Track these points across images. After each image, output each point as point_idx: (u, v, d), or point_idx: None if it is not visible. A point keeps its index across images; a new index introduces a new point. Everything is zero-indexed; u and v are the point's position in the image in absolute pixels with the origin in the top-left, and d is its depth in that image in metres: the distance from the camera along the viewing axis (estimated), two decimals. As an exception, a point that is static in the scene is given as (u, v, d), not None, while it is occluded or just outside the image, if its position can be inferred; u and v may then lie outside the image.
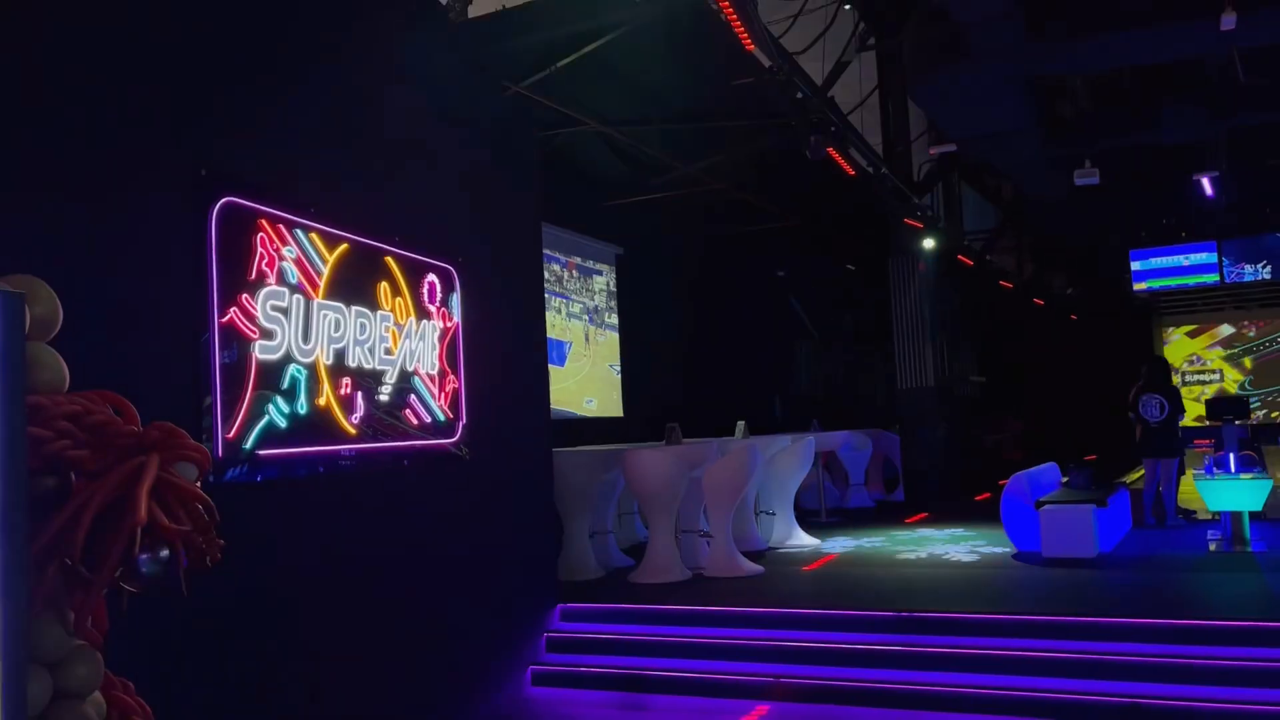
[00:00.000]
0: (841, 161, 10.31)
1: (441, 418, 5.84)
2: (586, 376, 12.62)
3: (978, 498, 13.79)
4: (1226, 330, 26.80)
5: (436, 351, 5.84)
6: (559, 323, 12.07)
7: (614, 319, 13.37)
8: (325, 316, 4.92)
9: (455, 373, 6.02)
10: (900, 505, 13.67)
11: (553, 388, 11.69)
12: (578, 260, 12.65)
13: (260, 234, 4.54)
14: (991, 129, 10.81)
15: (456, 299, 6.07)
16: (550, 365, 11.63)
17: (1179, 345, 27.34)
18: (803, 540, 10.10)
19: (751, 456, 8.64)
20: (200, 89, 4.29)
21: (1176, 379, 25.76)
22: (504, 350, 6.70)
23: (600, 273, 13.16)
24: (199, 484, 2.18)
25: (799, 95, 8.74)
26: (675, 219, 14.47)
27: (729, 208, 13.52)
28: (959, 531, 10.70)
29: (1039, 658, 5.89)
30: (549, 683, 6.65)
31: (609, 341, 13.23)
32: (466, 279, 6.15)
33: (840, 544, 10.02)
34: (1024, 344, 23.86)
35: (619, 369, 13.30)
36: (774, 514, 10.31)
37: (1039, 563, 8.35)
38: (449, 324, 5.99)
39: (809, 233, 15.20)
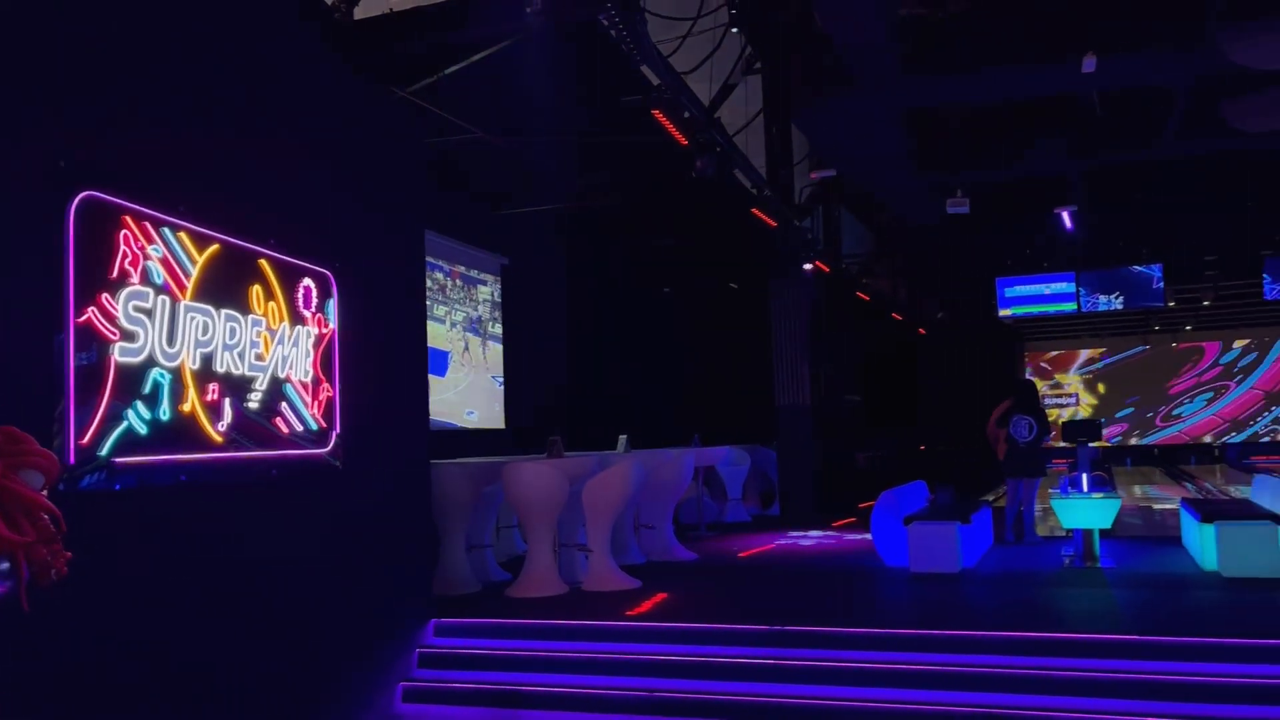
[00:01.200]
0: (727, 182, 10.48)
1: (314, 426, 5.67)
2: (468, 387, 12.46)
3: (851, 514, 14.14)
4: (1083, 356, 28.31)
5: (311, 358, 5.67)
6: (441, 332, 11.90)
7: (498, 330, 13.26)
8: (193, 319, 4.73)
9: (330, 381, 5.86)
10: (775, 519, 13.92)
11: (433, 399, 11.50)
12: (462, 269, 12.50)
13: (124, 231, 4.34)
14: (869, 156, 11.17)
15: (333, 305, 5.92)
16: (431, 375, 11.45)
17: (1040, 369, 28.72)
18: (679, 554, 10.17)
19: (632, 471, 8.67)
20: (63, 80, 4.08)
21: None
22: (382, 359, 6.55)
23: (485, 283, 13.04)
24: (46, 492, 2.05)
25: (686, 115, 8.86)
26: (562, 232, 14.46)
27: (616, 223, 13.59)
28: (831, 544, 10.95)
29: (907, 670, 6.06)
30: (420, 699, 6.51)
31: (492, 353, 13.11)
32: (345, 285, 6.01)
33: (716, 558, 10.12)
34: (898, 365, 24.66)
35: (502, 381, 13.19)
36: (653, 528, 10.36)
37: (906, 577, 8.61)
38: (325, 330, 5.83)
39: (695, 251, 15.39)
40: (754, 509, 14.93)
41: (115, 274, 4.28)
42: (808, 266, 14.41)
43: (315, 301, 5.74)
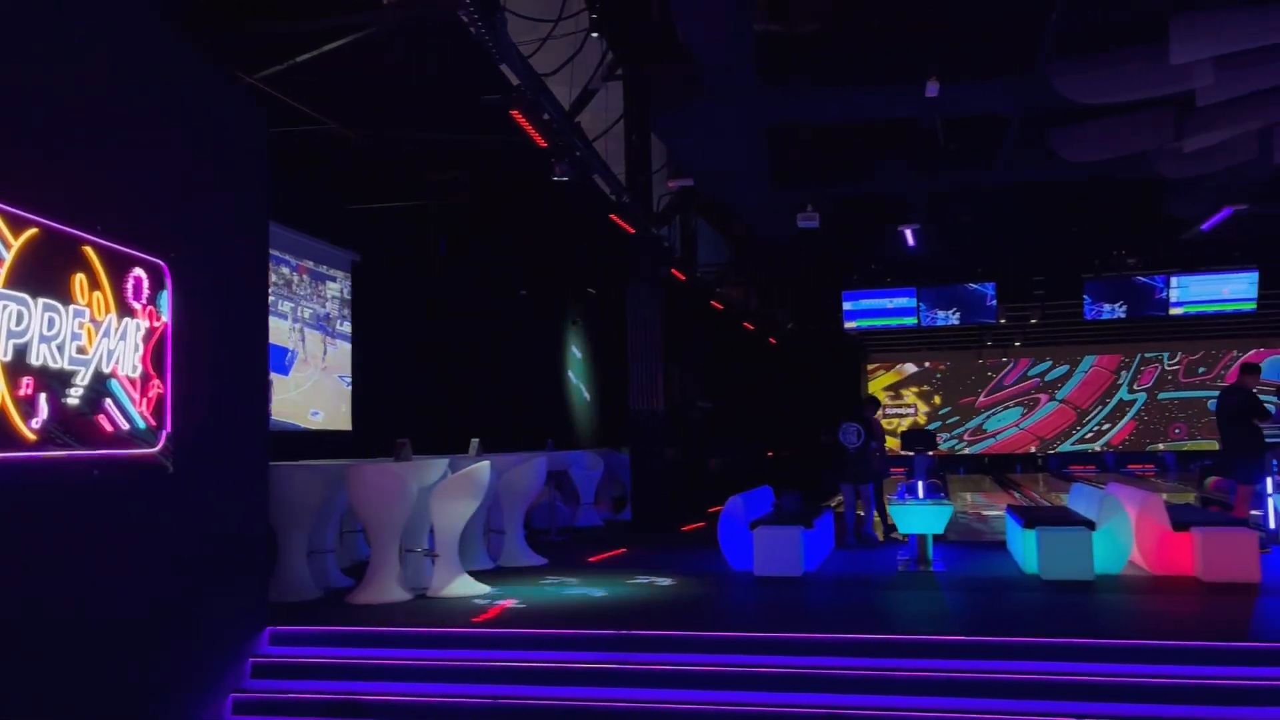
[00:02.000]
0: (585, 186, 10.48)
1: (142, 425, 5.35)
2: (314, 387, 12.04)
3: (699, 518, 14.35)
4: (922, 368, 29.63)
5: (140, 353, 5.35)
6: (286, 329, 11.46)
7: (346, 328, 12.86)
8: (5, 308, 4.39)
9: (161, 377, 5.54)
10: (627, 524, 13.99)
11: (276, 398, 11.09)
12: (310, 264, 12.08)
13: (-72, 210, 3.99)
14: (725, 168, 11.37)
15: (166, 297, 5.60)
16: (274, 374, 11.02)
17: (881, 380, 29.91)
18: (529, 560, 10.10)
19: (483, 475, 8.55)
20: None
21: (879, 411, 28.11)
22: (219, 355, 6.25)
23: (334, 279, 12.63)
24: None
25: (545, 117, 8.81)
26: (417, 229, 14.17)
27: (474, 223, 13.40)
28: (681, 550, 11.07)
29: (751, 673, 6.17)
30: (252, 710, 6.22)
31: (340, 351, 12.71)
32: (180, 276, 5.70)
33: (566, 563, 10.09)
34: (749, 373, 25.22)
35: (349, 380, 12.80)
36: (503, 532, 10.25)
37: (751, 581, 8.78)
38: (156, 324, 5.52)
39: (553, 254, 15.34)
40: (606, 513, 14.98)
41: (-84, 256, 3.93)
42: (664, 274, 14.56)
43: (147, 293, 5.42)
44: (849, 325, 17.68)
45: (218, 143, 6.41)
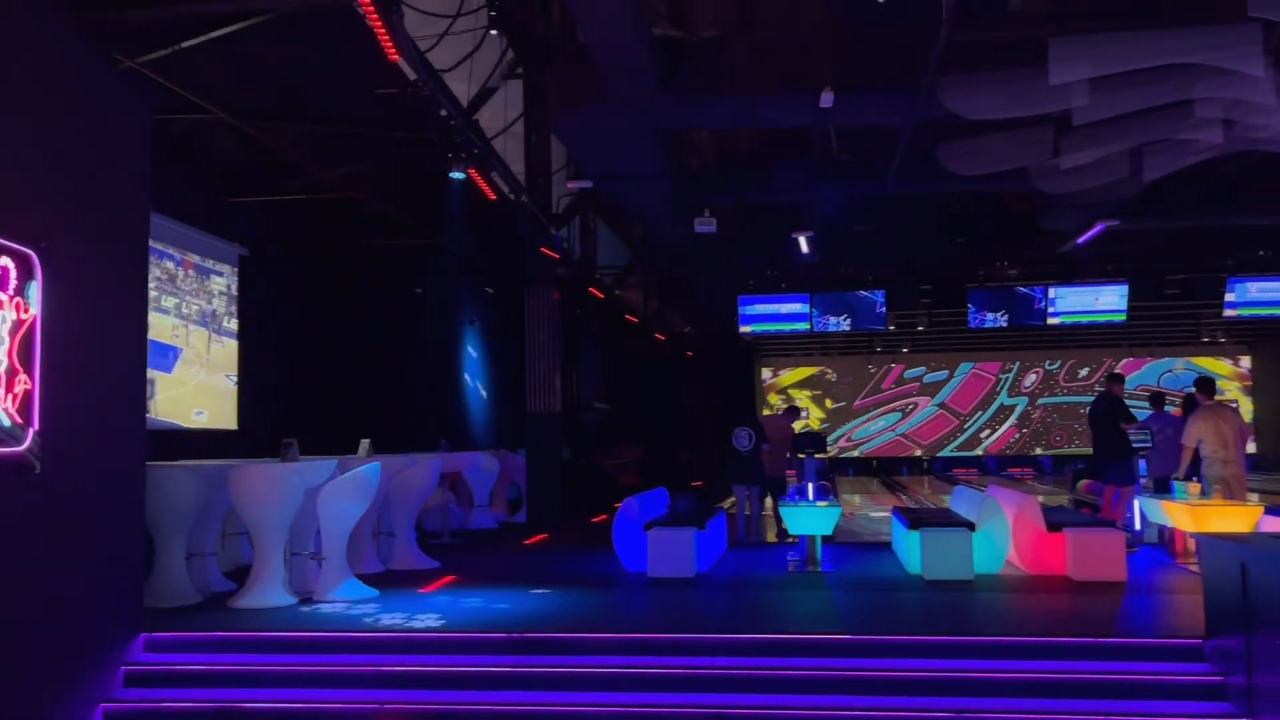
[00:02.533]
0: (483, 184, 10.39)
1: (7, 422, 5.09)
2: (198, 386, 11.63)
3: (594, 520, 14.36)
4: (813, 373, 30.27)
5: (6, 346, 5.09)
6: (169, 325, 11.04)
7: (233, 325, 12.45)
8: None
9: (29, 371, 5.27)
10: (522, 527, 13.91)
11: (159, 396, 10.68)
12: (195, 258, 11.66)
13: None
14: (624, 171, 11.40)
15: (36, 289, 5.34)
16: (157, 371, 10.61)
17: (774, 384, 30.45)
18: (421, 563, 9.94)
19: (373, 476, 8.38)
20: None
21: (769, 412, 28.64)
22: (94, 350, 5.98)
23: (220, 274, 12.22)
24: None
25: (443, 113, 8.70)
26: (308, 224, 13.82)
27: (367, 219, 13.14)
28: (575, 552, 11.06)
29: (643, 674, 6.20)
30: (124, 722, 5.98)
31: (226, 349, 12.30)
32: (52, 267, 5.43)
33: (459, 566, 9.97)
34: (646, 375, 25.35)
35: (235, 379, 12.39)
36: (394, 535, 10.07)
37: (645, 582, 8.83)
38: (24, 316, 5.25)
39: (449, 252, 15.14)
40: (501, 516, 14.85)
41: None
42: (563, 275, 14.53)
43: (14, 284, 5.15)
44: (744, 330, 17.92)
45: (97, 129, 6.14)
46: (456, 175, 9.68)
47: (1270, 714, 5.15)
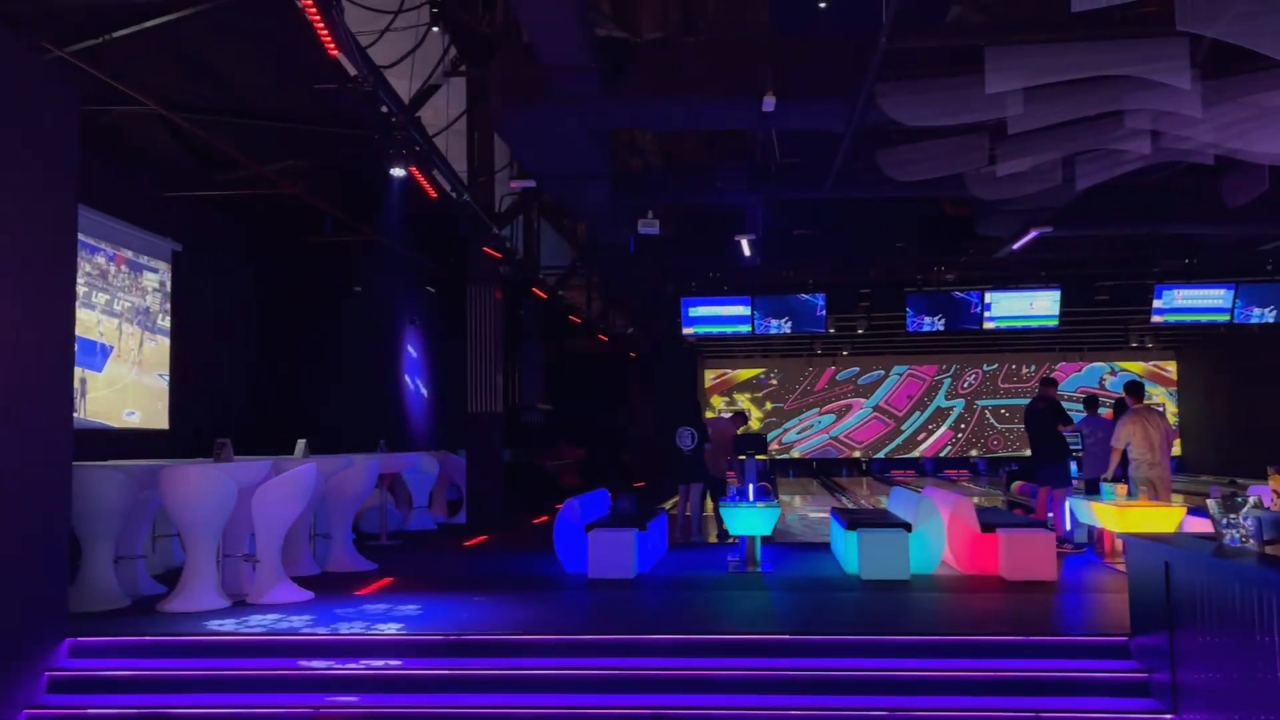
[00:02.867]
0: (424, 183, 10.29)
1: (-75, 422, 4.92)
2: (130, 385, 11.35)
3: (535, 521, 14.30)
4: (755, 374, 30.51)
5: (-76, 343, 4.92)
6: (99, 322, 10.76)
7: (167, 322, 12.18)
8: None
9: (-52, 369, 5.10)
10: (462, 528, 13.80)
11: (90, 395, 10.41)
12: (128, 254, 11.38)
13: None
14: (567, 171, 11.38)
15: (-43, 283, 5.16)
16: (87, 370, 10.33)
17: (716, 385, 30.62)
18: (358, 565, 9.82)
19: (309, 477, 8.26)
20: None
21: (711, 414, 28.80)
22: (16, 347, 5.81)
23: (154, 270, 11.95)
24: None
25: (384, 109, 8.60)
26: (245, 220, 13.58)
27: (305, 215, 12.93)
28: (516, 553, 11.01)
29: (582, 675, 6.19)
30: (47, 730, 5.81)
31: (160, 347, 12.02)
32: (-27, 261, 5.27)
33: (397, 568, 9.87)
34: (589, 376, 25.32)
35: (168, 378, 12.12)
36: (330, 537, 9.93)
37: (585, 584, 8.82)
38: (-56, 312, 5.08)
39: (389, 250, 14.98)
40: (441, 517, 14.73)
41: None
42: (505, 275, 14.45)
43: (-67, 277, 4.98)
44: (687, 331, 17.99)
45: (21, 119, 5.97)
46: (397, 173, 9.57)
47: (1192, 709, 5.30)
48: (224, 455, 8.24)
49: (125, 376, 11.26)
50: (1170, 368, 29.53)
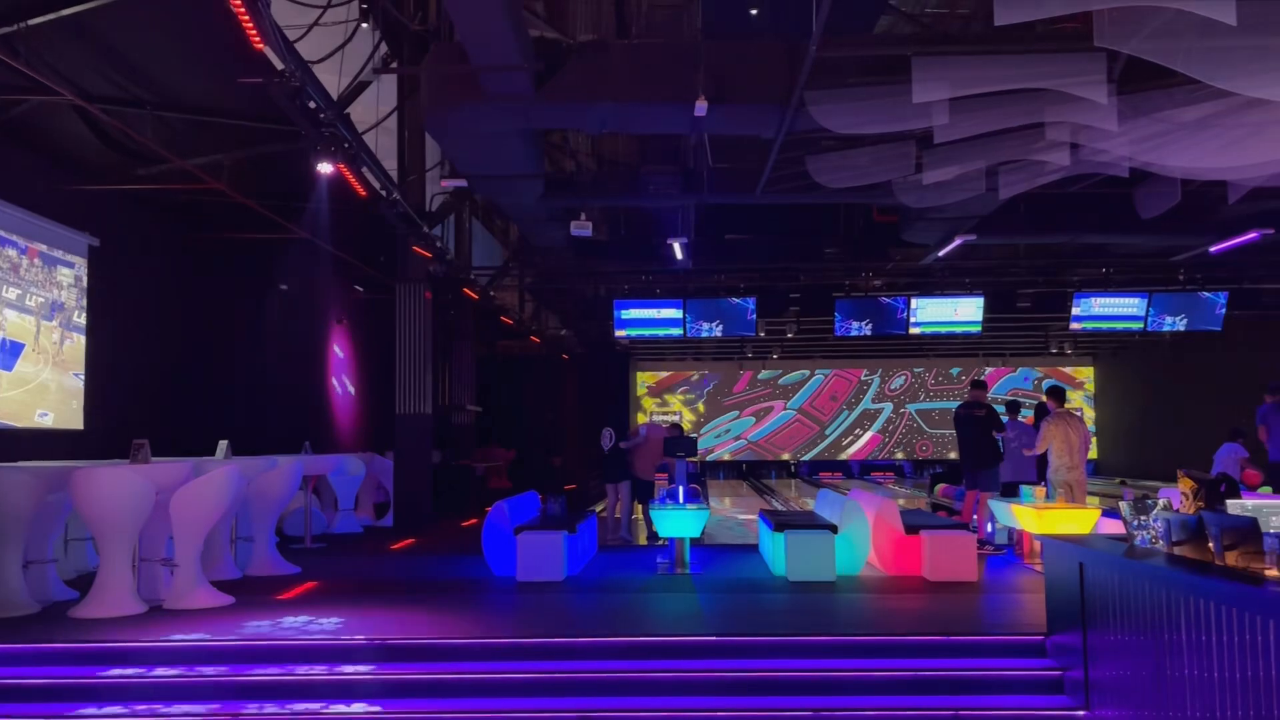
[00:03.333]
0: (353, 180, 10.14)
1: None
2: (43, 384, 10.97)
3: (464, 524, 14.18)
4: (686, 377, 30.65)
5: None
6: (11, 319, 10.39)
7: (83, 319, 11.80)
8: None
9: None
10: (389, 531, 13.62)
11: (-5, 393, 10.04)
12: (42, 248, 11.01)
13: None
14: (499, 172, 11.30)
15: None
16: (-8, 367, 9.97)
17: (648, 387, 30.71)
18: (280, 569, 9.63)
19: (230, 479, 8.08)
20: None
21: (644, 417, 28.89)
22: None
23: (70, 265, 11.58)
24: None
25: (311, 105, 8.45)
26: (166, 215, 13.25)
27: (229, 211, 12.64)
28: (444, 556, 10.90)
29: (510, 679, 6.15)
30: (-52, 742, 5.60)
31: (76, 345, 11.65)
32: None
33: (320, 572, 9.70)
34: (520, 378, 25.18)
35: (83, 377, 11.74)
36: (252, 540, 9.72)
37: (513, 587, 8.76)
38: None
39: (316, 248, 14.72)
40: (367, 520, 14.52)
41: None
42: (436, 275, 14.31)
43: None
44: (620, 334, 17.96)
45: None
46: (325, 170, 9.41)
47: (1104, 705, 5.46)
48: (141, 456, 8.02)
49: (38, 375, 10.89)
50: (1088, 373, 30.40)
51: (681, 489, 9.92)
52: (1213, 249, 14.45)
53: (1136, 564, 5.04)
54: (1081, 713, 5.67)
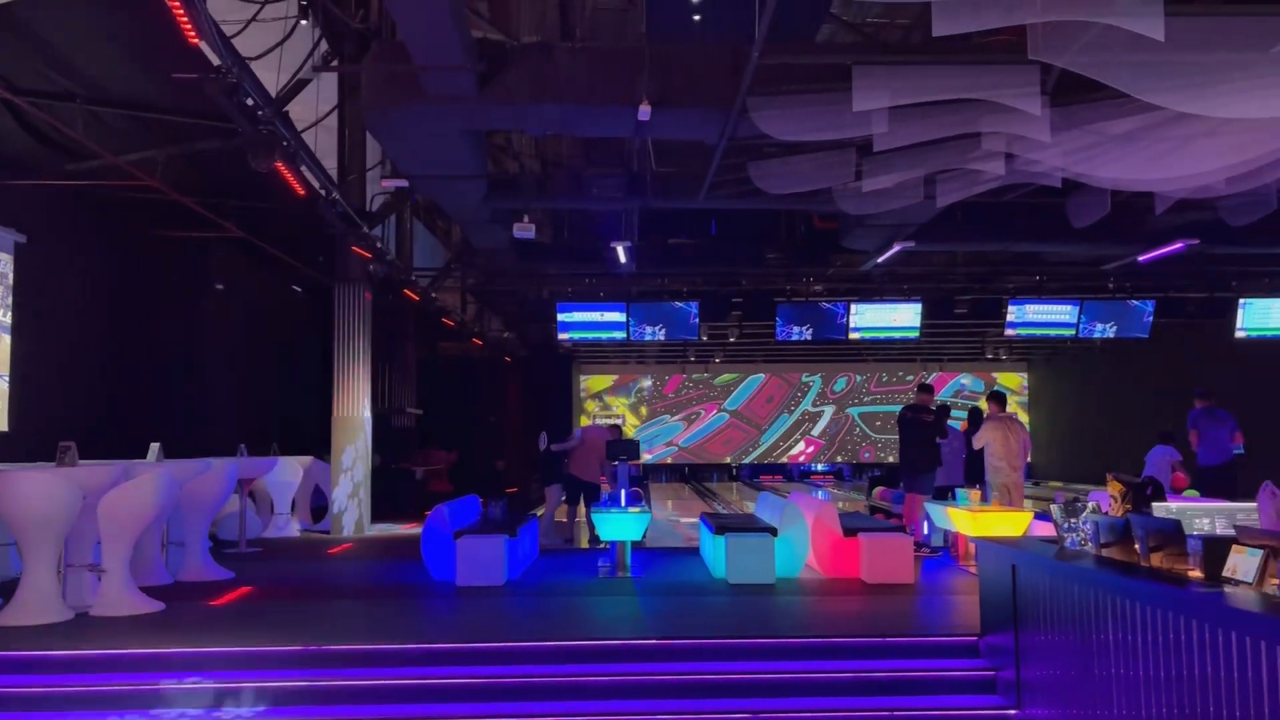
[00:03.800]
0: (291, 179, 9.98)
1: None
2: (-39, 383, 10.62)
3: (404, 528, 14.03)
4: (630, 380, 30.68)
5: None
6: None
7: (8, 318, 11.45)
8: None
9: None
10: (326, 535, 13.43)
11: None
12: (-37, 244, 10.66)
13: None
14: (441, 173, 11.20)
15: None
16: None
17: (590, 389, 30.68)
18: (213, 574, 9.43)
19: (161, 482, 7.89)
20: None
21: (587, 420, 28.84)
22: None
23: (-7, 261, 11.21)
24: None
25: (249, 102, 8.30)
26: (98, 212, 12.90)
27: (162, 209, 12.36)
28: (382, 561, 10.78)
29: (448, 684, 6.10)
30: None
31: (0, 345, 11.29)
32: None
33: (255, 577, 9.52)
34: (462, 380, 24.98)
35: (6, 377, 11.39)
36: (184, 545, 9.52)
37: (453, 591, 8.69)
38: None
39: (254, 248, 14.47)
40: (305, 524, 14.29)
41: None
42: (376, 275, 14.14)
43: None
44: (562, 336, 17.90)
45: None
46: (262, 167, 9.24)
47: (1035, 704, 5.57)
48: (68, 459, 7.80)
49: (-42, 375, 10.53)
50: (1019, 380, 31.03)
51: (623, 492, 9.92)
52: (1141, 258, 14.84)
53: (1066, 565, 5.15)
54: (1013, 712, 5.79)
